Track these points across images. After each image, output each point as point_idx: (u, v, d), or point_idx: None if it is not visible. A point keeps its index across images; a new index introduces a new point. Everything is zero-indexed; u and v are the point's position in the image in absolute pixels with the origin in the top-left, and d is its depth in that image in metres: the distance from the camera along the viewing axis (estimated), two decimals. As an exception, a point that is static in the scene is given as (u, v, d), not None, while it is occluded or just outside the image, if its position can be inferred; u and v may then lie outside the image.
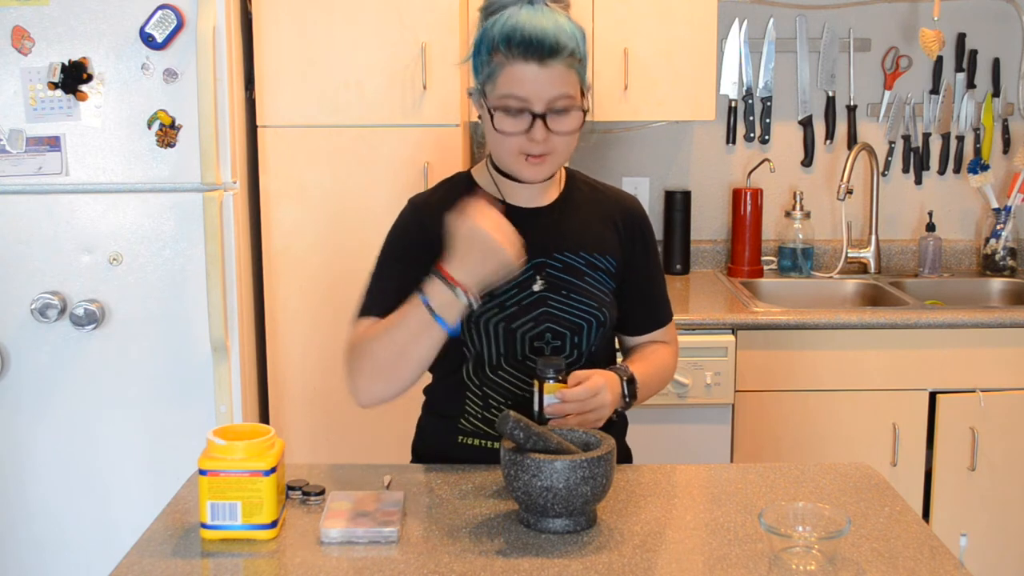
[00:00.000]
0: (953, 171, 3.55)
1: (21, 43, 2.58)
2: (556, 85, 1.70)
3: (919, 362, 2.90)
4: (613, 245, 1.87)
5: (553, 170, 1.80)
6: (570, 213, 1.87)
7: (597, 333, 1.84)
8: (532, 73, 1.69)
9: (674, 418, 2.87)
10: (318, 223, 2.86)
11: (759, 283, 3.39)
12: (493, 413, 1.83)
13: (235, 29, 2.72)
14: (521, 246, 1.64)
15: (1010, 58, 3.49)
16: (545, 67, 1.68)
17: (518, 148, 1.74)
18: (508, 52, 1.69)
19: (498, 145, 1.76)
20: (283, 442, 1.59)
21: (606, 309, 1.84)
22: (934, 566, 1.45)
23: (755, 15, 3.46)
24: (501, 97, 1.71)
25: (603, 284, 1.85)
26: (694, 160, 3.54)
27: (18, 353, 2.68)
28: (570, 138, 1.76)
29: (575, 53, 1.71)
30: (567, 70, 1.71)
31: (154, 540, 1.55)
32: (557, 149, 1.75)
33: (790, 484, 1.74)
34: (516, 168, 1.77)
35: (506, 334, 1.80)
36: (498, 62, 1.71)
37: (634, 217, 1.92)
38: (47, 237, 2.65)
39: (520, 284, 1.80)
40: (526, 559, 1.47)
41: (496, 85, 1.72)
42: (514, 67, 1.69)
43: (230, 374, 2.69)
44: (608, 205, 1.90)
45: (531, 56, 1.68)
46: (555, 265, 1.83)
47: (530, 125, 1.71)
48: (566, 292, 1.82)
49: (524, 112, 1.71)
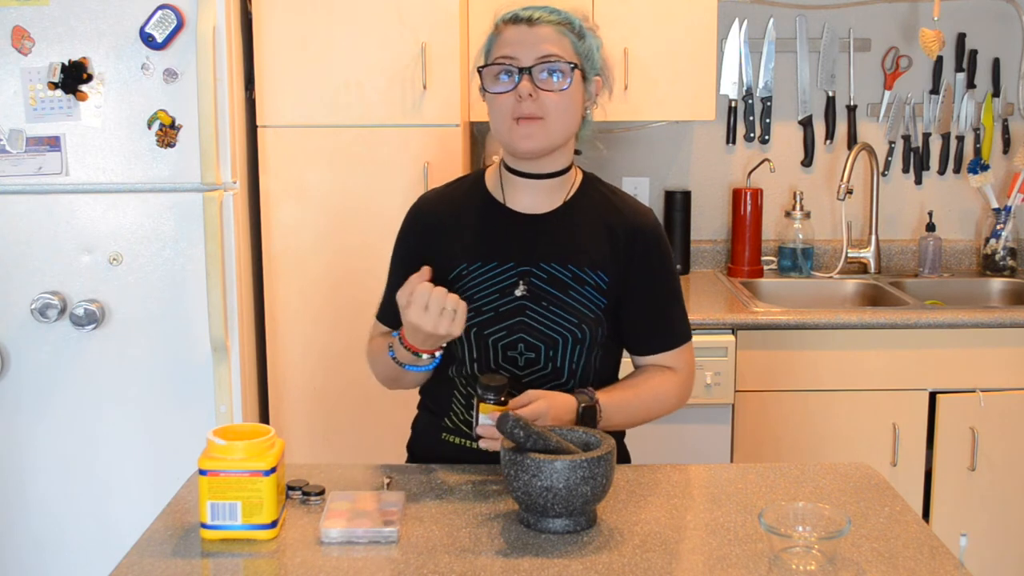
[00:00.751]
0: (953, 171, 3.55)
1: (21, 43, 2.58)
2: (544, 44, 1.73)
3: (919, 362, 2.90)
4: (608, 260, 1.81)
5: (545, 142, 1.75)
6: (568, 223, 1.82)
7: (576, 350, 1.79)
8: (521, 33, 1.74)
9: (674, 418, 2.83)
10: (318, 223, 2.86)
11: (759, 283, 3.39)
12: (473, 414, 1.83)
13: (235, 29, 2.72)
14: (454, 309, 1.65)
15: (1010, 58, 3.49)
16: (533, 26, 1.74)
17: (510, 111, 1.74)
18: (502, 22, 1.77)
19: (495, 116, 1.78)
20: (283, 442, 1.59)
21: (587, 326, 1.78)
22: (934, 566, 1.45)
23: (755, 15, 3.47)
24: (493, 63, 1.76)
25: (591, 300, 1.79)
26: (694, 160, 3.54)
27: (18, 353, 2.68)
28: (563, 104, 1.74)
29: (571, 25, 1.77)
30: (557, 34, 1.75)
31: (154, 540, 1.55)
32: (548, 113, 1.74)
33: (790, 484, 1.74)
34: (510, 137, 1.76)
35: (479, 340, 1.79)
36: (493, 37, 1.78)
37: (640, 232, 1.83)
38: (47, 237, 2.65)
39: (501, 290, 1.79)
40: (526, 559, 1.47)
41: (490, 57, 1.77)
42: (506, 31, 1.76)
43: (230, 374, 2.69)
44: (615, 218, 1.84)
45: (521, 17, 1.75)
46: (540, 275, 1.79)
47: (519, 81, 1.73)
48: (546, 304, 1.78)
49: (513, 72, 1.73)
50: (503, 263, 1.80)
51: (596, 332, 1.80)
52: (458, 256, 1.81)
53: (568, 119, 1.77)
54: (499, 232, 1.83)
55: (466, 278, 1.80)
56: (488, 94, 1.77)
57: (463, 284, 1.80)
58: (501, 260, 1.80)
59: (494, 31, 1.79)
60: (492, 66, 1.76)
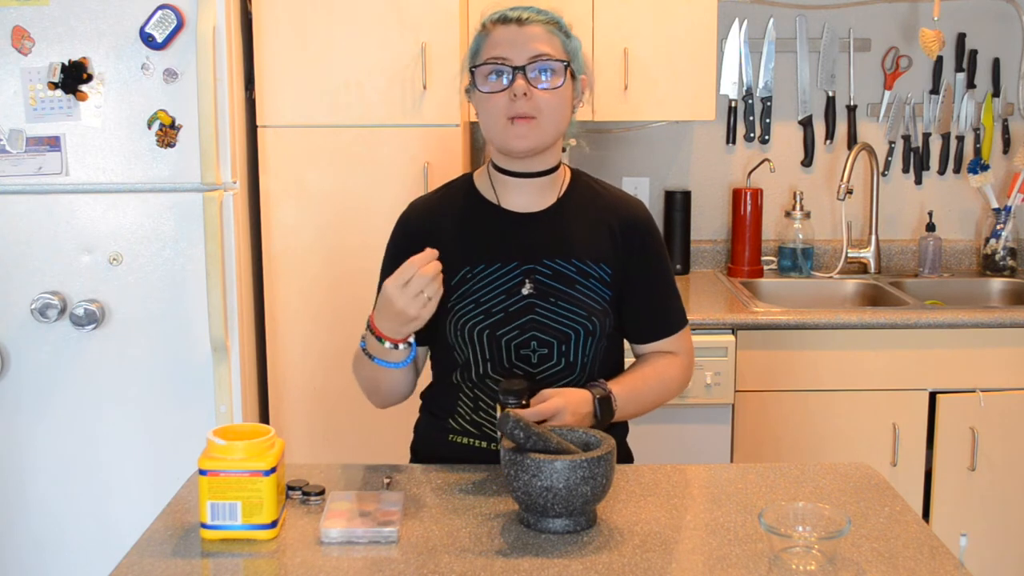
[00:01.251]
0: (953, 171, 3.55)
1: (21, 43, 2.58)
2: (535, 43, 1.74)
3: (919, 362, 2.90)
4: (608, 253, 1.83)
5: (541, 140, 1.77)
6: (565, 219, 1.84)
7: (588, 343, 1.80)
8: (511, 33, 1.75)
9: (674, 418, 2.87)
10: (318, 223, 2.86)
11: (759, 283, 3.39)
12: (482, 415, 1.84)
13: (235, 29, 2.72)
14: (431, 289, 1.64)
15: (1010, 58, 3.49)
16: (523, 26, 1.75)
17: (504, 111, 1.74)
18: (490, 22, 1.78)
19: (486, 116, 1.78)
20: (283, 442, 1.59)
21: (596, 318, 1.80)
22: (934, 566, 1.45)
23: (755, 15, 3.46)
24: (484, 64, 1.76)
25: (596, 293, 1.81)
26: (694, 160, 3.54)
27: (18, 353, 2.68)
28: (556, 103, 1.75)
29: (558, 24, 1.78)
30: (547, 33, 1.76)
31: (154, 540, 1.55)
32: (542, 112, 1.74)
33: (790, 484, 1.74)
34: (504, 137, 1.76)
35: (491, 341, 1.79)
36: (481, 37, 1.78)
37: (634, 224, 1.86)
38: (47, 237, 2.65)
39: (508, 290, 1.79)
40: (526, 559, 1.47)
41: (480, 57, 1.77)
42: (496, 31, 1.76)
43: (230, 374, 2.69)
44: (608, 211, 1.86)
45: (511, 17, 1.76)
46: (545, 272, 1.80)
47: (511, 81, 1.73)
48: (554, 300, 1.79)
49: (505, 71, 1.74)
50: (507, 263, 1.80)
51: (605, 324, 1.82)
52: (460, 260, 1.81)
53: (560, 117, 1.78)
54: (498, 233, 1.83)
55: (471, 281, 1.81)
56: (479, 94, 1.77)
57: (468, 287, 1.80)
58: (504, 260, 1.81)
59: (482, 31, 1.79)
60: (483, 66, 1.76)
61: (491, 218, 1.84)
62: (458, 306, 1.80)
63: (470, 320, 1.79)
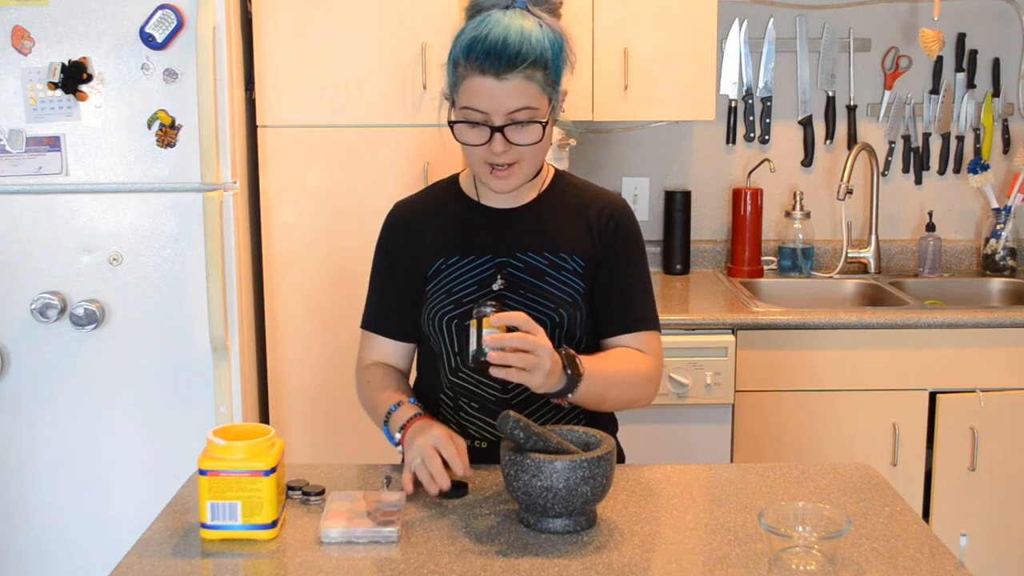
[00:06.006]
0: (953, 171, 3.55)
1: (21, 43, 2.58)
2: (514, 98, 1.69)
3: (919, 362, 2.90)
4: (584, 245, 1.83)
5: (522, 180, 1.79)
6: (542, 214, 1.86)
7: (555, 335, 1.79)
8: (489, 86, 1.69)
9: (674, 418, 2.87)
10: (318, 223, 2.86)
11: (759, 283, 3.39)
12: (462, 416, 1.86)
13: (235, 29, 2.72)
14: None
15: (1010, 58, 3.49)
16: (502, 80, 1.68)
17: (483, 159, 1.75)
18: (467, 64, 1.70)
19: (468, 155, 1.79)
20: (283, 442, 1.59)
21: (564, 310, 1.79)
22: (934, 566, 1.45)
23: (755, 15, 3.46)
24: (462, 109, 1.73)
25: (568, 285, 1.81)
26: (694, 160, 3.54)
27: (18, 353, 2.67)
28: (536, 148, 1.75)
29: (537, 62, 1.69)
30: (526, 82, 1.69)
31: (154, 540, 1.55)
32: (523, 159, 1.75)
33: (790, 484, 1.74)
34: (484, 179, 1.79)
35: (460, 331, 1.80)
36: (460, 74, 1.72)
37: (612, 217, 1.85)
38: (47, 237, 2.65)
39: (480, 282, 1.81)
40: (526, 559, 1.47)
41: (459, 96, 1.74)
42: (473, 80, 1.70)
43: (230, 374, 2.69)
44: (585, 205, 1.87)
45: (488, 69, 1.68)
46: (517, 265, 1.82)
47: (489, 138, 1.71)
48: (524, 292, 1.80)
49: (484, 125, 1.71)
50: (480, 256, 1.83)
51: (575, 316, 1.81)
52: (436, 252, 1.85)
53: (541, 155, 1.79)
54: (475, 227, 1.86)
55: (444, 272, 1.84)
56: (458, 139, 1.76)
57: (441, 278, 1.83)
58: (478, 253, 1.83)
59: (457, 70, 1.72)
60: (463, 111, 1.72)
61: (470, 213, 1.88)
62: (432, 296, 1.83)
63: (440, 309, 1.81)
